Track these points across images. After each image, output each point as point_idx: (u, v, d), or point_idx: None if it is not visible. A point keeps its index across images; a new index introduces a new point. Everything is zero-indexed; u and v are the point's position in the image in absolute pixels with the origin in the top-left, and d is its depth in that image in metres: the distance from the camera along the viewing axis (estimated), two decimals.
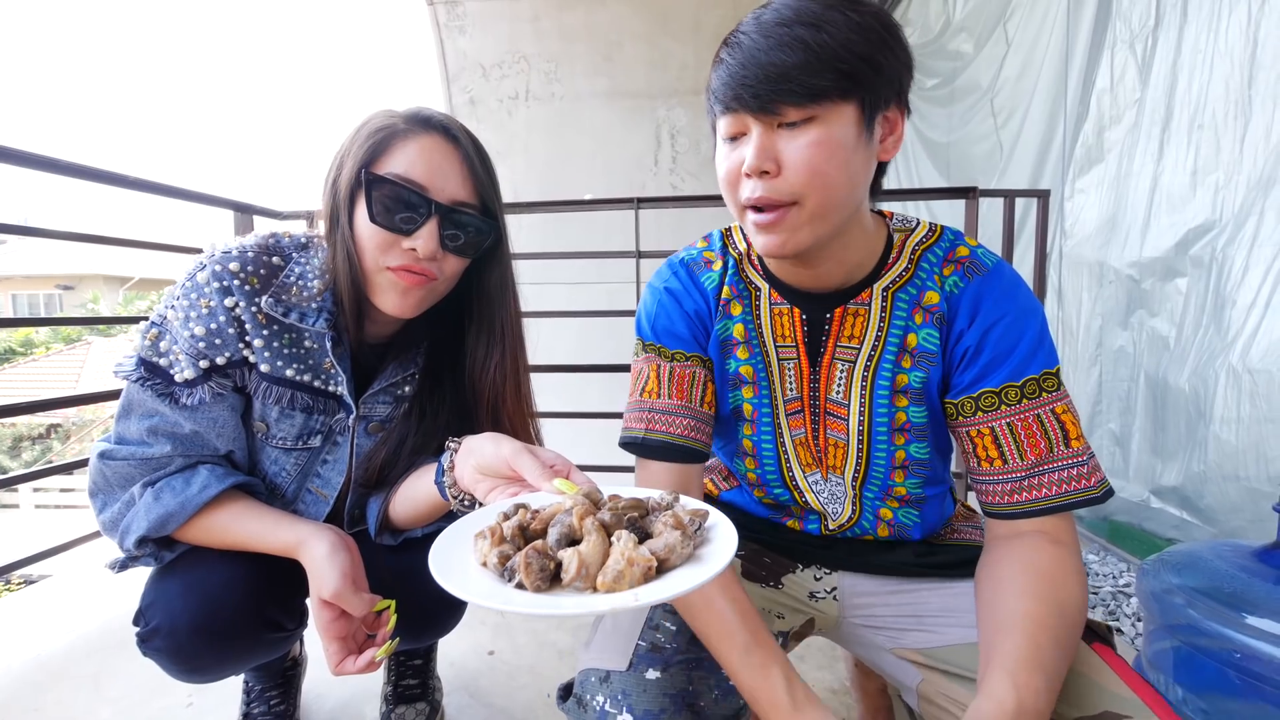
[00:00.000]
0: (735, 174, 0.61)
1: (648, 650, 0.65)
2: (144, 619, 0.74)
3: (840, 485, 0.73)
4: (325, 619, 0.67)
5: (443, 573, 0.46)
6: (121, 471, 0.73)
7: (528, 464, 0.57)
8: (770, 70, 0.55)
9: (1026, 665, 0.52)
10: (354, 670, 0.66)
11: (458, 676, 1.21)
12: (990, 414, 0.63)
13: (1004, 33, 2.51)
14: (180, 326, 0.72)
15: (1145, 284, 1.77)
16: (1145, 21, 1.74)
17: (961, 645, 0.66)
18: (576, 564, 0.45)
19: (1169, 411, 1.68)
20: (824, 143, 0.56)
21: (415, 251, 0.71)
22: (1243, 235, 1.47)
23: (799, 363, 0.71)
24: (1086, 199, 1.98)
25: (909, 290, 0.67)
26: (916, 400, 0.67)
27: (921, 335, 0.66)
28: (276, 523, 0.73)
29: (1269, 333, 1.39)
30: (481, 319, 0.83)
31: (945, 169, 3.06)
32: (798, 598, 0.78)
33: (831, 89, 0.55)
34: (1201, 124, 1.58)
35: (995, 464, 0.62)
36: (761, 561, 0.78)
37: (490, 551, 0.48)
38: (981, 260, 0.65)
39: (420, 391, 0.85)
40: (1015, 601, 0.57)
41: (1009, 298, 0.64)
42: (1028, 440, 0.61)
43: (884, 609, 0.74)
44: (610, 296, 2.40)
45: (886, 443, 0.69)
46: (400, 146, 0.71)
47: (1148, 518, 1.74)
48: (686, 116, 4.09)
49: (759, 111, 0.57)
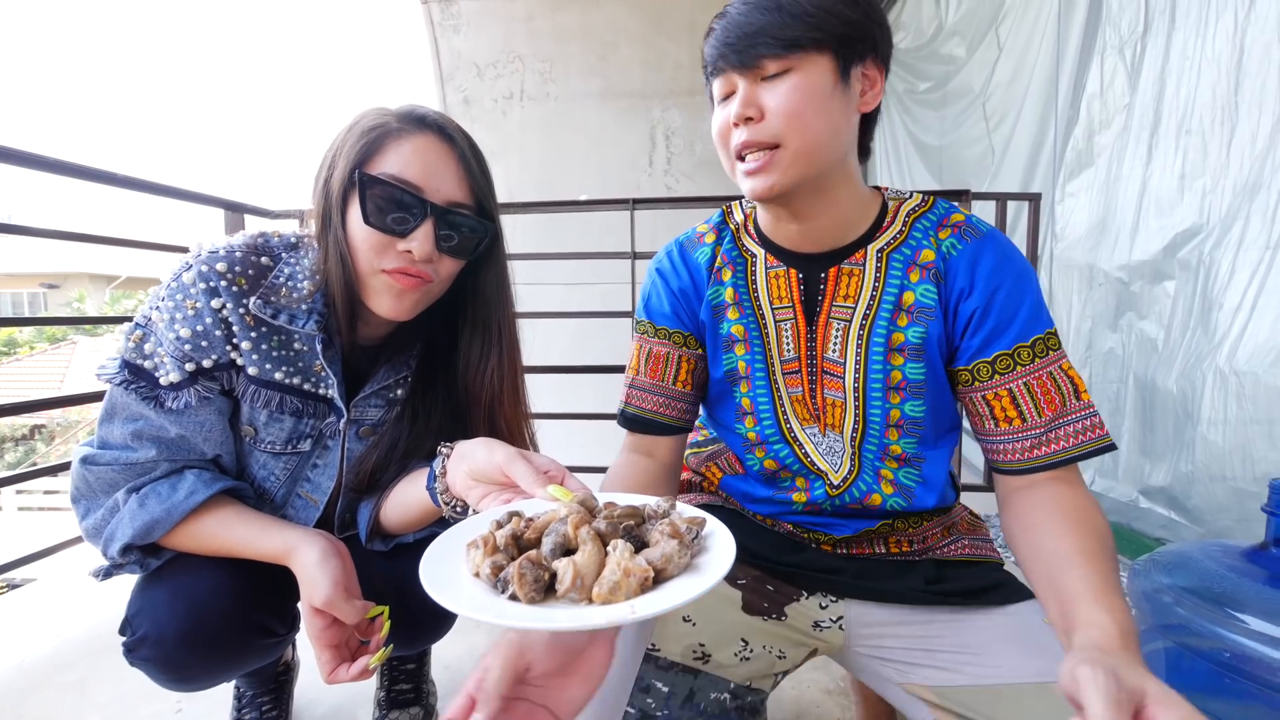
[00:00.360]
0: (726, 128, 0.66)
1: (638, 718, 0.63)
2: (130, 628, 0.73)
3: (839, 441, 0.73)
4: (317, 627, 0.66)
5: (434, 584, 0.45)
6: (105, 477, 0.71)
7: (521, 470, 0.57)
8: (748, 28, 0.63)
9: (1105, 591, 0.53)
10: (347, 679, 0.65)
11: (452, 680, 1.20)
12: (1007, 376, 0.65)
13: (996, 37, 2.53)
14: (165, 328, 0.70)
15: (1134, 287, 1.79)
16: (1134, 27, 1.77)
17: (978, 688, 0.63)
18: (572, 575, 0.44)
19: (1157, 413, 1.70)
20: (800, 88, 0.62)
21: (411, 254, 0.70)
22: (1229, 239, 1.49)
23: (795, 322, 0.73)
24: (1077, 202, 2.00)
25: (903, 251, 0.70)
26: (915, 357, 0.69)
27: (919, 291, 0.68)
28: (265, 529, 0.72)
29: (1255, 335, 1.41)
30: (476, 320, 0.82)
31: (938, 172, 3.08)
32: (801, 629, 0.73)
33: (804, 38, 0.62)
34: (1189, 129, 1.61)
35: (1015, 423, 0.65)
36: (764, 591, 0.74)
37: (483, 562, 0.47)
38: (977, 225, 0.69)
39: (413, 394, 0.83)
40: (1060, 541, 0.58)
41: (1009, 260, 0.67)
42: (1044, 398, 0.64)
43: (893, 640, 0.71)
44: (604, 297, 2.40)
45: (881, 400, 0.70)
46: (394, 146, 0.70)
47: (1136, 517, 1.76)
48: (681, 117, 4.10)
49: (740, 66, 0.64)
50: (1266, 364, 1.38)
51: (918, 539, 0.77)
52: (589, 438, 1.78)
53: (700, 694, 0.64)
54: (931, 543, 0.77)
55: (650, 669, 0.65)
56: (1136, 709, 0.42)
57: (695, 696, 0.64)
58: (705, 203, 2.26)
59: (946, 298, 0.68)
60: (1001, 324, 0.65)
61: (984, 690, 0.62)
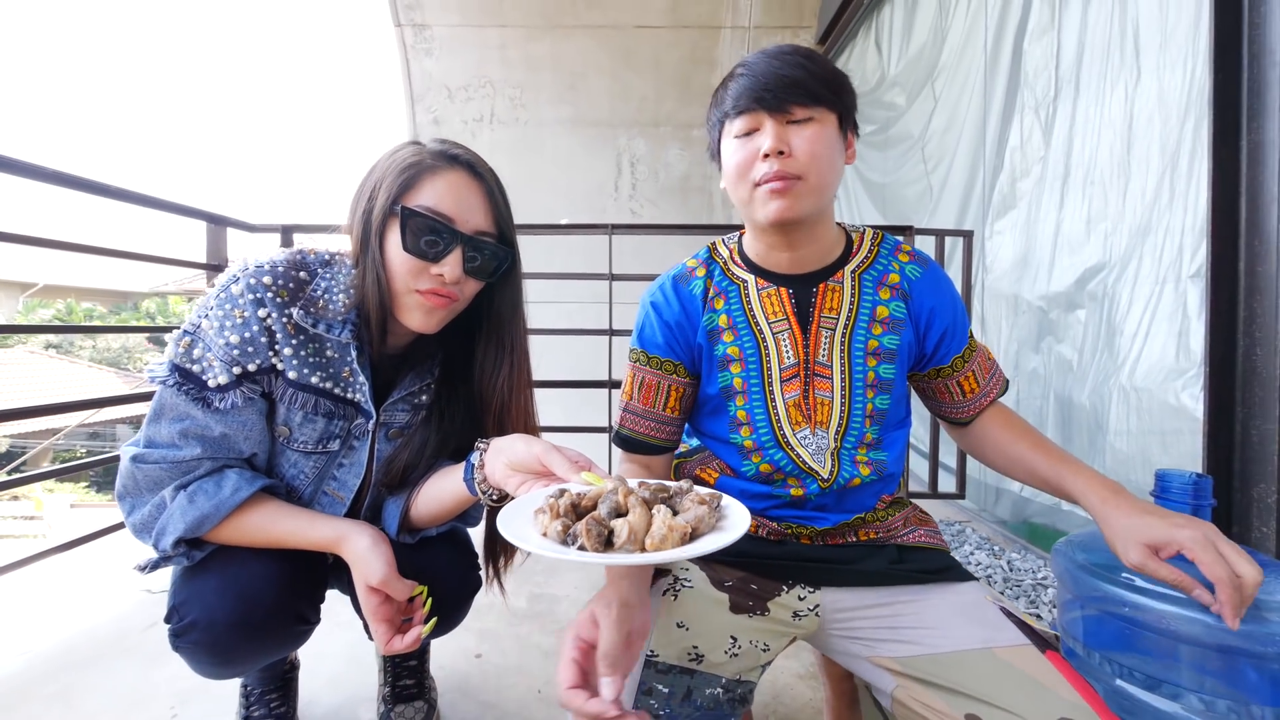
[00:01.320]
0: (750, 160, 0.78)
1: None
2: (178, 615, 0.77)
3: (824, 438, 0.85)
4: (373, 604, 0.73)
5: (517, 538, 0.54)
6: (152, 475, 0.76)
7: (557, 460, 0.67)
8: (785, 80, 0.76)
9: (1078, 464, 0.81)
10: (401, 647, 0.73)
11: (448, 679, 1.25)
12: (969, 363, 0.90)
13: (932, 90, 2.83)
14: (215, 334, 0.76)
15: (1052, 314, 2.04)
16: (1047, 92, 2.05)
17: (936, 655, 0.74)
18: (627, 531, 0.55)
19: (1074, 425, 1.93)
20: (821, 135, 0.77)
21: (442, 276, 0.79)
22: (1127, 274, 1.74)
23: (792, 332, 0.85)
24: (1003, 239, 2.26)
25: (872, 272, 0.87)
26: (888, 359, 0.85)
27: (891, 307, 0.86)
28: (314, 520, 0.79)
29: (1149, 356, 1.65)
30: (491, 335, 0.91)
31: (882, 207, 3.36)
32: (782, 621, 0.82)
33: (825, 98, 0.77)
34: (1093, 180, 1.87)
35: (975, 391, 0.91)
36: (748, 590, 0.82)
37: (552, 523, 0.57)
38: (922, 255, 0.90)
39: (437, 399, 0.92)
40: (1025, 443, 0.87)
41: (949, 284, 0.90)
42: (984, 368, 0.91)
43: (863, 621, 0.81)
44: (571, 315, 2.50)
45: (862, 396, 0.85)
46: (430, 181, 0.79)
47: (1060, 519, 1.98)
48: (646, 146, 4.29)
49: (774, 110, 0.76)
50: (1158, 381, 1.62)
51: (883, 529, 0.90)
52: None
53: (697, 691, 0.72)
54: (894, 530, 0.90)
55: (651, 673, 0.71)
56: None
57: (692, 694, 0.71)
58: (677, 230, 2.42)
59: (916, 313, 0.87)
60: (960, 326, 0.89)
61: (939, 657, 0.73)
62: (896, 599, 0.82)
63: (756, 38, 4.06)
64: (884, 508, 0.90)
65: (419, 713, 1.08)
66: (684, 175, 4.36)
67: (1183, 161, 1.59)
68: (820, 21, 4.09)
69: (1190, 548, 0.68)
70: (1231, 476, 1.23)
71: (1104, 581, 0.90)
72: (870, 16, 3.55)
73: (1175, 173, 1.61)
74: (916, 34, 3.02)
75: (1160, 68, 1.67)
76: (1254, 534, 1.18)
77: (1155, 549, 0.71)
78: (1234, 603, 0.66)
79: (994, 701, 0.66)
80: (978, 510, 2.41)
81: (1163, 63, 1.66)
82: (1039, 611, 1.69)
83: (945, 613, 0.78)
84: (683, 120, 4.24)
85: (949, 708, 0.68)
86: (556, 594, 1.66)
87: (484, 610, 1.51)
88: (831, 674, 1.16)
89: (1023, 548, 2.08)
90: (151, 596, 1.62)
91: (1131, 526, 0.73)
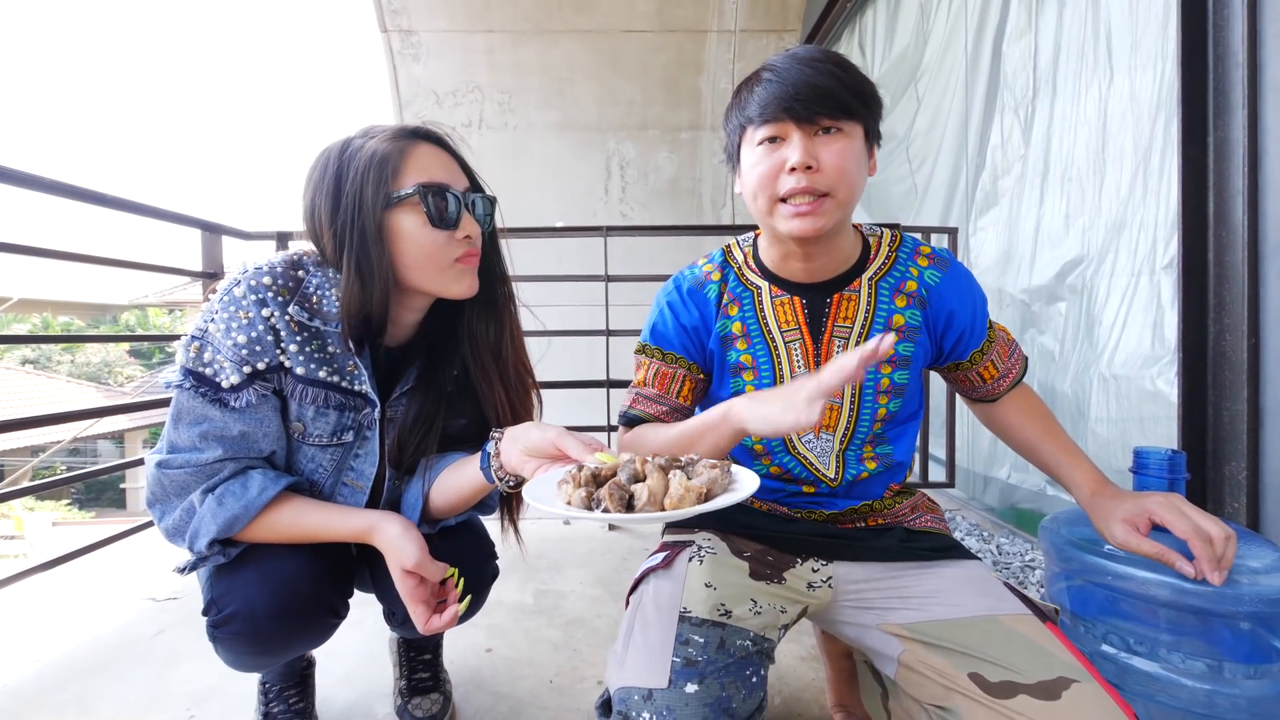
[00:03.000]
0: (775, 171, 0.77)
1: (683, 665, 0.70)
2: (216, 607, 0.80)
3: (830, 442, 0.89)
4: (409, 586, 0.76)
5: (544, 503, 0.59)
6: (178, 480, 0.78)
7: (571, 443, 0.70)
8: (817, 90, 0.73)
9: (1078, 457, 0.88)
10: (440, 625, 0.76)
11: (459, 672, 1.27)
12: (988, 353, 0.93)
13: (915, 91, 2.90)
14: (223, 336, 0.78)
15: (1034, 307, 2.11)
16: (1026, 92, 2.12)
17: (942, 621, 0.77)
18: (647, 494, 0.60)
19: (1058, 412, 2.00)
20: (850, 149, 0.75)
21: (469, 238, 0.82)
22: (1104, 267, 1.81)
23: (803, 342, 0.87)
24: (986, 235, 2.34)
25: (889, 279, 0.87)
26: (902, 366, 0.87)
27: (907, 315, 0.87)
28: (343, 513, 0.81)
29: (1126, 345, 1.72)
30: (479, 294, 0.89)
31: (868, 205, 3.43)
32: (798, 590, 0.86)
33: (856, 110, 0.75)
34: (1070, 177, 1.95)
35: (995, 375, 0.94)
36: (766, 561, 0.87)
37: (575, 491, 0.61)
38: (944, 256, 0.89)
39: (422, 372, 0.92)
40: (1035, 429, 0.92)
41: (970, 278, 0.90)
42: (1003, 352, 0.94)
43: (874, 592, 0.84)
44: (565, 318, 2.53)
45: (873, 402, 0.87)
46: (411, 160, 0.79)
47: (1046, 504, 2.05)
48: (635, 150, 4.34)
49: (803, 120, 0.74)
50: (1136, 369, 1.69)
51: (890, 516, 0.94)
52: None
53: (729, 641, 0.75)
54: (902, 517, 0.94)
55: (686, 627, 0.75)
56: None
57: (725, 644, 0.74)
58: (670, 231, 2.46)
59: (932, 320, 0.88)
60: (979, 324, 0.90)
61: (946, 623, 0.76)
62: (906, 571, 0.85)
63: (742, 41, 4.12)
64: (891, 496, 0.94)
65: (435, 704, 1.11)
66: (673, 178, 4.41)
67: (1154, 158, 1.66)
68: (804, 25, 4.16)
69: (1157, 511, 0.76)
70: (1205, 456, 1.29)
71: (1088, 554, 0.96)
72: (854, 20, 3.63)
73: (1148, 169, 1.68)
74: (899, 37, 3.10)
75: (1132, 68, 1.74)
76: (1226, 509, 1.24)
77: (1133, 524, 0.77)
78: (1209, 558, 0.72)
79: (996, 660, 0.70)
80: (967, 498, 2.48)
81: (1134, 64, 1.74)
82: (1027, 593, 1.76)
83: (953, 583, 0.82)
84: (670, 124, 4.29)
85: (953, 668, 0.72)
86: (563, 589, 1.69)
87: (492, 607, 1.54)
88: (831, 652, 1.21)
89: (1010, 532, 2.15)
90: (156, 604, 1.62)
91: (1110, 509, 0.81)
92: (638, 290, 1.93)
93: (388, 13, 4.00)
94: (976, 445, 2.41)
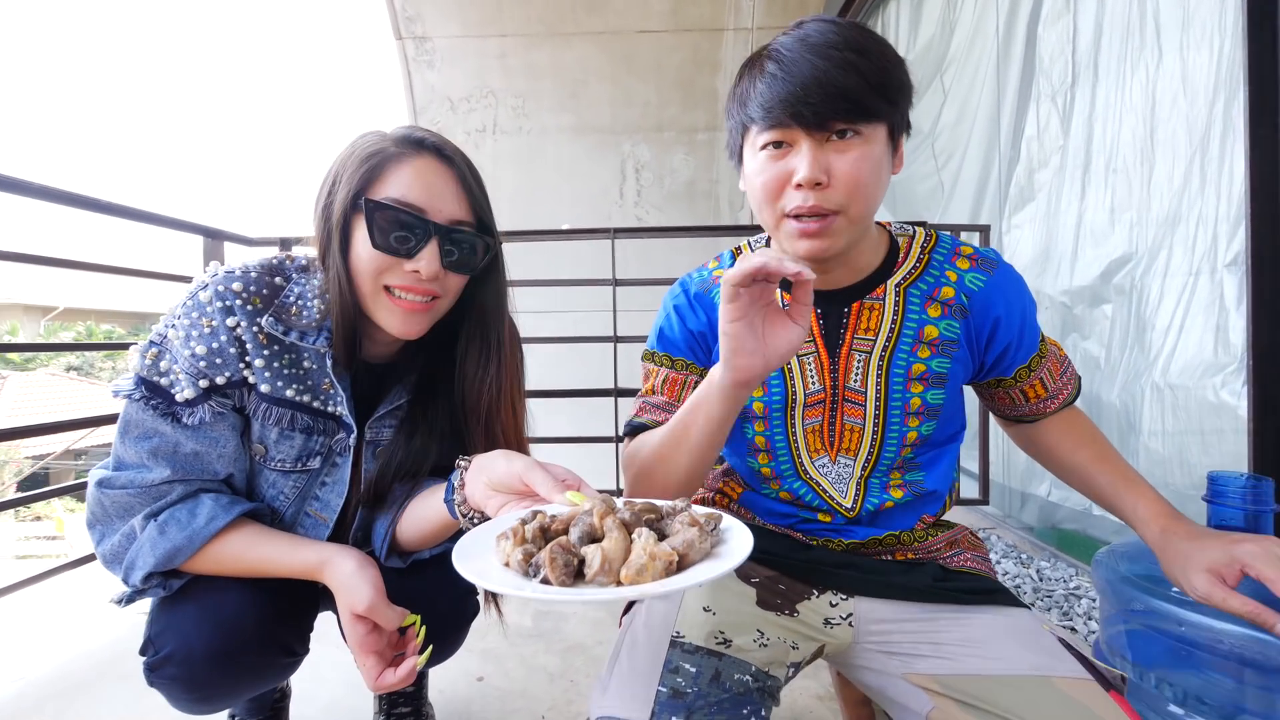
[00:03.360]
0: (780, 184, 0.65)
1: (669, 696, 0.63)
2: (153, 647, 0.72)
3: (849, 467, 0.77)
4: (359, 634, 0.67)
5: (468, 569, 0.47)
6: (120, 501, 0.71)
7: (539, 478, 0.59)
8: (832, 89, 0.60)
9: (1140, 485, 0.76)
10: (394, 682, 0.66)
11: (449, 704, 1.19)
12: (1038, 370, 0.81)
13: (940, 83, 2.76)
14: (181, 345, 0.71)
15: (1077, 309, 1.95)
16: (1064, 79, 1.97)
17: (979, 677, 0.65)
18: (600, 559, 0.46)
19: (1104, 425, 1.84)
20: (868, 158, 0.64)
21: (418, 273, 0.71)
22: (1156, 266, 1.66)
23: (818, 355, 0.77)
24: (1022, 233, 2.18)
25: (920, 285, 0.75)
26: (936, 384, 0.75)
27: (942, 327, 0.74)
28: (295, 545, 0.73)
29: (1184, 352, 1.56)
30: (474, 332, 0.83)
31: (892, 204, 3.29)
32: (813, 625, 0.76)
33: (876, 110, 0.62)
34: (1115, 168, 1.79)
35: (1039, 396, 0.82)
36: (776, 589, 0.77)
37: (514, 550, 0.49)
38: (989, 256, 0.78)
39: (413, 406, 0.84)
40: (1087, 453, 0.81)
41: (1020, 283, 0.79)
42: (1054, 370, 0.82)
43: (900, 635, 0.74)
44: (576, 324, 2.45)
45: (900, 424, 0.76)
46: (395, 170, 0.71)
47: (1091, 525, 1.89)
48: (650, 152, 4.25)
49: (814, 127, 0.62)
50: (1195, 378, 1.53)
51: (922, 550, 0.81)
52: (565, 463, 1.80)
53: (725, 674, 0.66)
54: (936, 552, 0.81)
55: (677, 653, 0.67)
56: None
57: (721, 676, 0.65)
58: (681, 232, 2.36)
59: (975, 331, 0.76)
60: (1028, 336, 0.79)
61: (985, 679, 0.65)
62: (939, 614, 0.74)
63: (760, 39, 4.02)
64: (923, 528, 0.82)
65: None
66: (689, 180, 4.31)
67: (1213, 145, 1.50)
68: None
69: (1252, 564, 0.62)
70: None
71: (1154, 597, 0.83)
72: (875, 12, 3.49)
73: (1205, 157, 1.53)
74: (924, 27, 2.96)
75: (1183, 47, 1.59)
76: None
77: (1219, 574, 0.64)
78: None
79: None
80: (1002, 516, 2.32)
81: (1186, 41, 1.58)
82: (1073, 624, 1.60)
83: (996, 632, 0.70)
84: (687, 125, 4.20)
85: None
86: (564, 611, 1.60)
87: (486, 630, 1.45)
88: (848, 699, 1.10)
89: (1052, 555, 1.98)
90: (145, 622, 1.58)
91: (1188, 553, 0.67)
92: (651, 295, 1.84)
93: (402, 20, 4.01)
94: (1013, 458, 2.24)
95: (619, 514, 0.51)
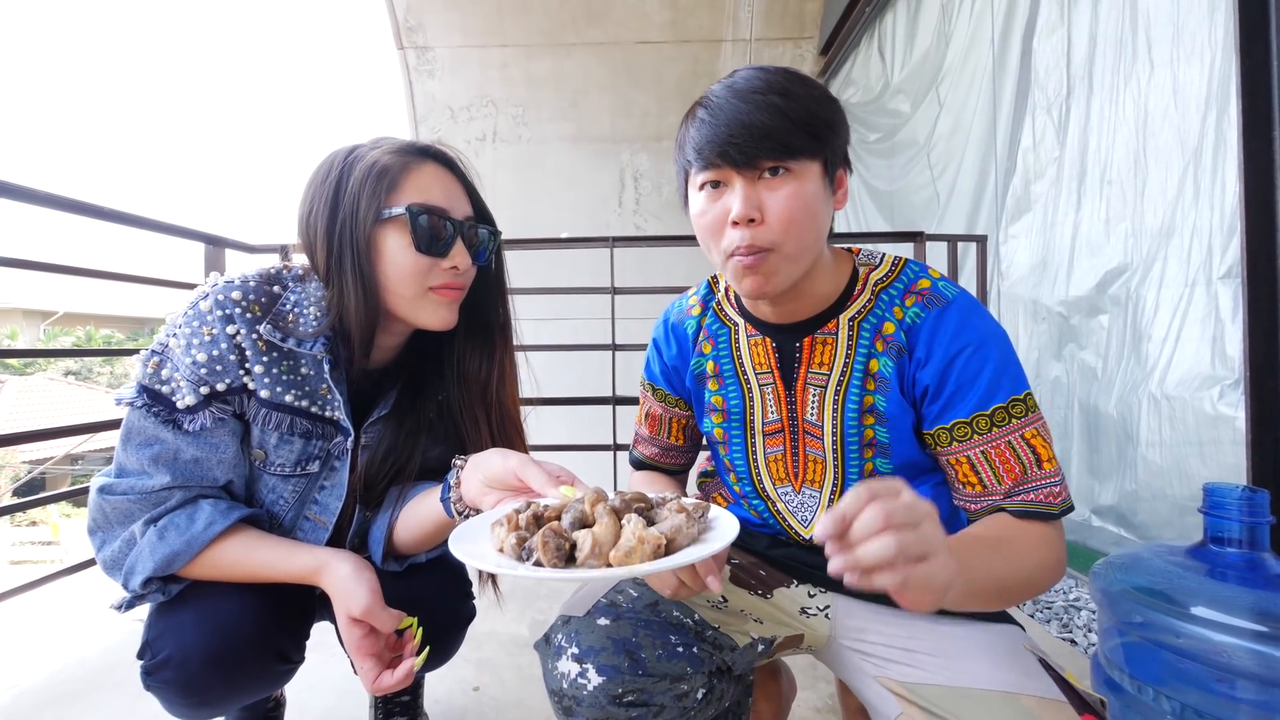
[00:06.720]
0: (720, 223, 0.67)
1: (606, 605, 0.71)
2: (150, 651, 0.72)
3: (815, 497, 0.77)
4: (356, 637, 0.68)
5: (463, 552, 0.49)
6: (121, 507, 0.72)
7: (534, 473, 0.61)
8: (754, 130, 0.63)
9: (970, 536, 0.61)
10: (392, 684, 0.67)
11: (445, 714, 1.18)
12: (964, 443, 0.66)
13: (936, 95, 2.78)
14: (182, 353, 0.72)
15: (1073, 320, 1.96)
16: (1059, 90, 1.99)
17: (947, 688, 0.65)
18: (591, 543, 0.49)
19: (1101, 436, 1.84)
20: (798, 194, 0.64)
21: (456, 269, 0.76)
22: (1152, 276, 1.67)
23: (775, 388, 0.77)
24: (1019, 244, 2.19)
25: (870, 319, 0.72)
26: (881, 421, 0.71)
27: (881, 363, 0.71)
28: (292, 549, 0.73)
29: (1180, 363, 1.57)
30: (474, 321, 0.86)
31: (889, 215, 3.31)
32: (787, 610, 0.79)
33: (804, 147, 0.64)
34: (1110, 180, 1.81)
35: (976, 488, 0.66)
36: (755, 573, 0.81)
37: (508, 536, 0.51)
38: (942, 292, 0.69)
39: (400, 398, 0.85)
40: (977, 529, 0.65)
41: (968, 328, 0.66)
42: (1003, 466, 0.64)
43: (875, 636, 0.75)
44: (575, 331, 2.45)
45: (858, 458, 0.74)
46: (412, 178, 0.75)
47: (1090, 535, 1.88)
48: (649, 161, 4.28)
49: (743, 166, 0.64)
50: (1192, 389, 1.54)
51: None
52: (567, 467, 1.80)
53: (664, 607, 0.71)
54: None
55: (628, 584, 0.73)
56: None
57: (659, 606, 0.71)
58: (679, 241, 2.37)
59: (904, 369, 0.70)
60: (960, 391, 0.65)
61: (952, 690, 0.65)
62: (916, 621, 0.74)
63: (758, 50, 4.05)
64: None
65: None
66: None
67: (1205, 157, 1.52)
68: (822, 32, 4.08)
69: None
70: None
71: (1150, 609, 0.82)
72: (872, 25, 3.53)
73: (1198, 168, 1.54)
74: (920, 39, 2.99)
75: (1174, 60, 1.61)
76: None
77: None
78: None
79: None
80: None
81: (1177, 55, 1.60)
82: (1073, 636, 1.59)
83: (971, 647, 0.70)
84: None
85: None
86: None
87: (483, 639, 1.44)
88: (849, 706, 1.09)
89: None
90: (143, 626, 1.57)
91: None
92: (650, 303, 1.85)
93: (404, 30, 4.04)
94: None
95: (609, 502, 0.54)
